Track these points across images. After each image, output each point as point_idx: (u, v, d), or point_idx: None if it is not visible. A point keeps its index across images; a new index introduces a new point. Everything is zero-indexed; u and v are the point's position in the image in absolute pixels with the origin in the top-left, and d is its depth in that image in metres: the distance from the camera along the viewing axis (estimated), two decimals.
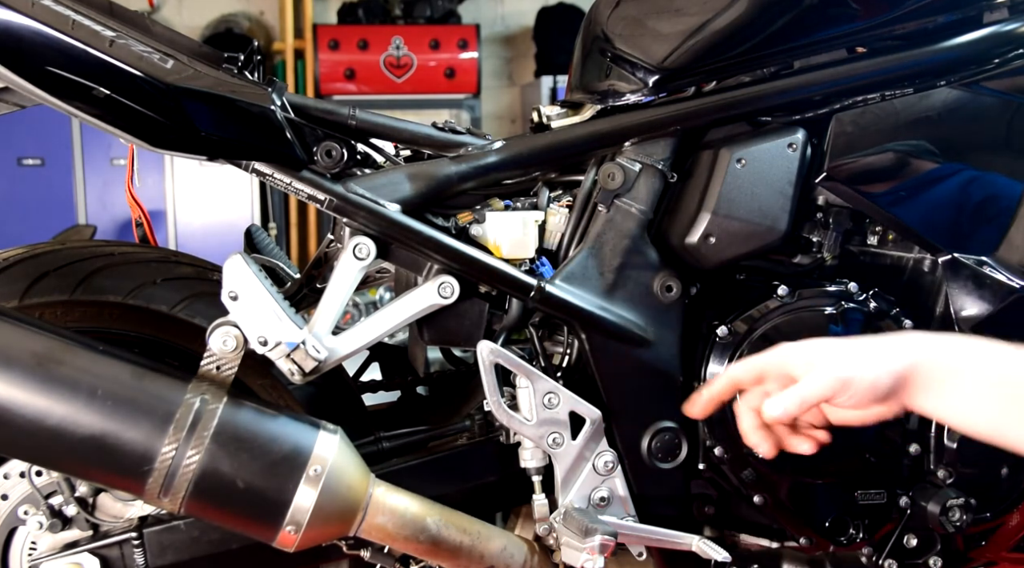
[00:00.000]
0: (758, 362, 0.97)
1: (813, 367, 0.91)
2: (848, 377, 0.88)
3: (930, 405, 0.89)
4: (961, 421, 0.88)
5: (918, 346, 0.89)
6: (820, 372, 0.90)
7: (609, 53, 1.23)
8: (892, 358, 0.89)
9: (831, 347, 0.92)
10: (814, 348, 0.93)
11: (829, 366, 0.90)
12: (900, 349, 0.89)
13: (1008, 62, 1.23)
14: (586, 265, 1.18)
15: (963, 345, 0.88)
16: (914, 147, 1.23)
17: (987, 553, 1.34)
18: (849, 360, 0.90)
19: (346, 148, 1.12)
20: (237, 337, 1.06)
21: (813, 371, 0.91)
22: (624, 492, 1.19)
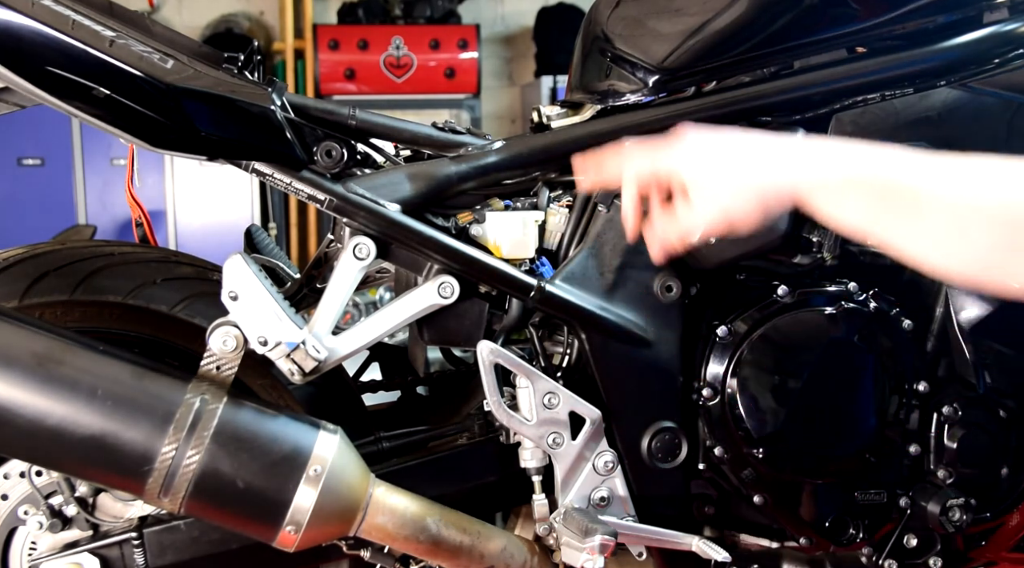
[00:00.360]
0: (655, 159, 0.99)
1: (702, 195, 0.95)
2: (732, 218, 0.94)
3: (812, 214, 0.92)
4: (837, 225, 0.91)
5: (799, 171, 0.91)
6: (704, 201, 0.95)
7: (609, 53, 1.23)
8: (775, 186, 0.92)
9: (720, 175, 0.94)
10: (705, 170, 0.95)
11: (716, 203, 0.94)
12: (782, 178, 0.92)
13: (1008, 62, 1.23)
14: (586, 265, 1.18)
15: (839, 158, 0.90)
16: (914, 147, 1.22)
17: (987, 553, 1.34)
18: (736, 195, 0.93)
19: (346, 148, 1.12)
20: (237, 337, 1.06)
21: (700, 202, 0.95)
22: (624, 492, 1.19)
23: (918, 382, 1.25)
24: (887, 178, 0.87)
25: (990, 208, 0.81)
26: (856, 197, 0.88)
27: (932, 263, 0.86)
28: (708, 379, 1.21)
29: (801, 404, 1.20)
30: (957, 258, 0.84)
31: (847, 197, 0.89)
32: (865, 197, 0.88)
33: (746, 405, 1.19)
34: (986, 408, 1.28)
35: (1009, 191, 0.81)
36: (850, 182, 0.89)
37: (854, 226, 0.90)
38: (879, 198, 0.87)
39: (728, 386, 1.20)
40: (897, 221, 0.86)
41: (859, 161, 0.89)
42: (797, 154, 0.93)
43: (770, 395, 1.20)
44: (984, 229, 0.81)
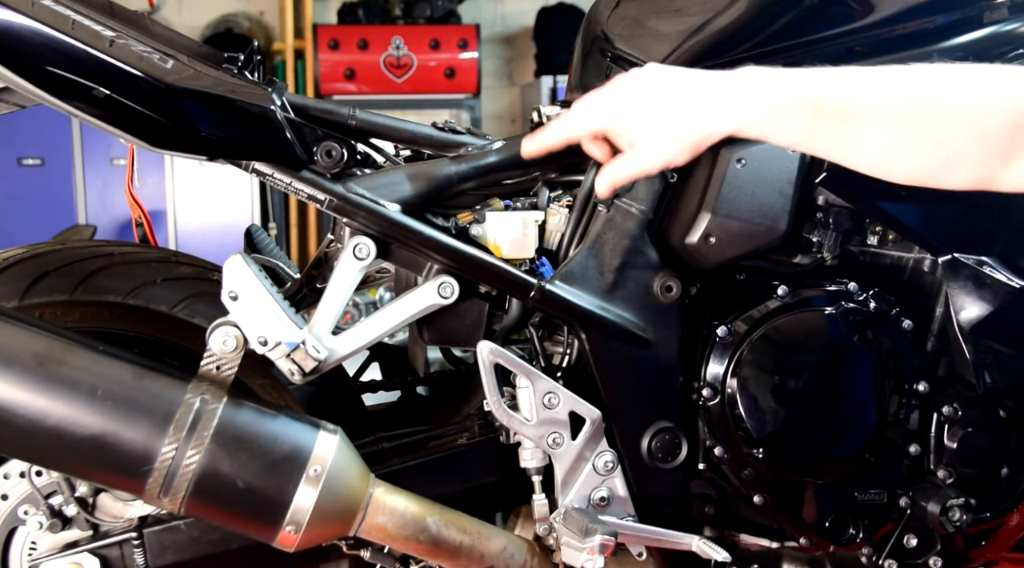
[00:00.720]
0: (593, 118, 1.03)
1: (642, 143, 1.00)
2: (671, 154, 0.99)
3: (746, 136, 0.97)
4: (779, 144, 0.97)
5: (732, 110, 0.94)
6: (648, 147, 0.99)
7: (609, 53, 1.23)
8: (714, 126, 0.96)
9: (658, 123, 0.98)
10: (641, 122, 0.99)
11: (656, 142, 0.99)
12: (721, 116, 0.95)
13: (1008, 62, 1.23)
14: (586, 265, 1.18)
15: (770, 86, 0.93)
16: None
17: (987, 553, 1.34)
18: (675, 141, 0.98)
19: (346, 148, 1.12)
20: (237, 337, 1.06)
21: (641, 148, 1.00)
22: (624, 492, 1.19)
23: (918, 382, 1.25)
24: (817, 98, 0.90)
25: (919, 127, 0.86)
26: (787, 121, 0.92)
27: (877, 171, 0.91)
28: (708, 379, 1.21)
29: (801, 404, 1.20)
30: (894, 169, 0.89)
31: (778, 123, 0.92)
32: (797, 119, 0.91)
33: (746, 405, 1.19)
34: (986, 408, 1.28)
35: (936, 110, 0.85)
36: (780, 108, 0.92)
37: (795, 146, 0.95)
38: (811, 119, 0.90)
39: (728, 386, 1.20)
40: (834, 137, 0.90)
41: (787, 87, 0.92)
42: (724, 91, 0.95)
43: (770, 395, 1.20)
44: (914, 146, 0.86)
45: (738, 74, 0.96)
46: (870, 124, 0.88)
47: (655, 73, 1.00)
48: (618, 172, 1.03)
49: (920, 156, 0.87)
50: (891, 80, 0.89)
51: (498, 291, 1.18)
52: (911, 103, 0.87)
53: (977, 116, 0.84)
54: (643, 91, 1.00)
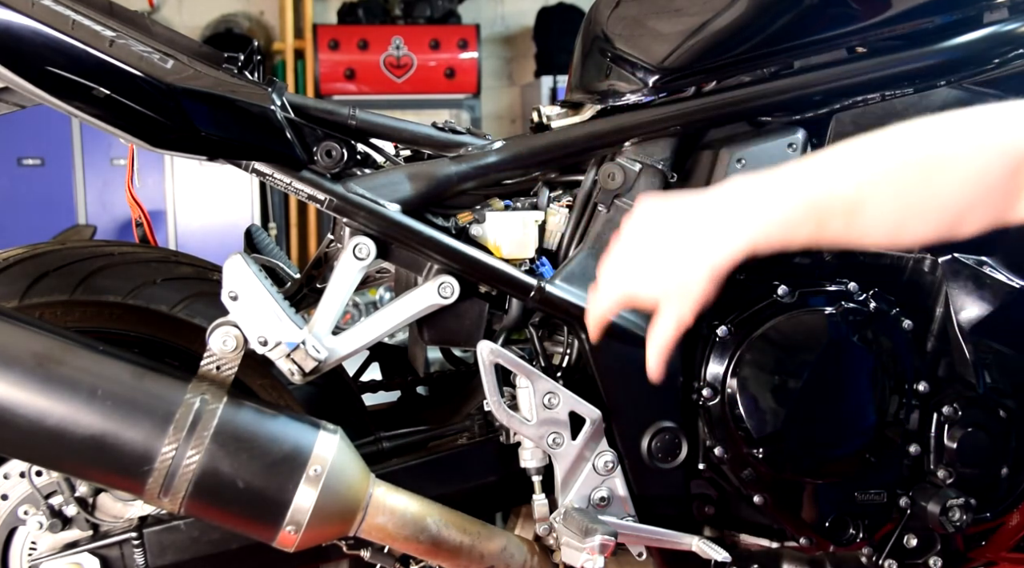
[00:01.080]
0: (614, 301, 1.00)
1: (664, 302, 0.96)
2: (698, 302, 0.94)
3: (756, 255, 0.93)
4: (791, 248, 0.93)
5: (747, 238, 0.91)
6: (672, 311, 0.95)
7: (609, 53, 1.23)
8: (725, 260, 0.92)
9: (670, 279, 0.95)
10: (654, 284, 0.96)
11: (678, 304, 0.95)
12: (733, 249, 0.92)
13: (1008, 62, 1.23)
14: (586, 265, 1.18)
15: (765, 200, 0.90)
16: None
17: (987, 553, 1.34)
18: (693, 291, 0.94)
19: (346, 148, 1.12)
20: (237, 337, 1.06)
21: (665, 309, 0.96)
22: (624, 492, 1.19)
23: (918, 382, 1.25)
24: (818, 198, 0.88)
25: (922, 200, 0.85)
26: (799, 228, 0.89)
27: (893, 244, 0.91)
28: (708, 379, 1.21)
29: (801, 404, 1.20)
30: (912, 232, 0.87)
31: (791, 232, 0.90)
32: (807, 224, 0.89)
33: (746, 405, 1.19)
34: (986, 408, 1.28)
35: (934, 175, 0.84)
36: (787, 220, 0.89)
37: (809, 245, 0.92)
38: (820, 219, 0.88)
39: (728, 386, 1.19)
40: (845, 228, 0.88)
41: (787, 195, 0.90)
42: (728, 218, 0.92)
43: (770, 395, 1.20)
44: (920, 217, 0.85)
45: (732, 193, 0.93)
46: (875, 206, 0.86)
47: (651, 217, 0.97)
48: (659, 341, 0.98)
49: (930, 220, 0.86)
50: (883, 153, 0.87)
51: (498, 291, 1.18)
52: (909, 173, 0.85)
53: (975, 169, 0.83)
54: (646, 245, 0.97)
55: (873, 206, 0.86)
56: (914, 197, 0.85)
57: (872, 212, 0.87)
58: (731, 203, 0.92)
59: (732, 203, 0.92)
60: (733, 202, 0.92)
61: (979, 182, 0.83)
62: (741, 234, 0.91)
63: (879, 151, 0.88)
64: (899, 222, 0.87)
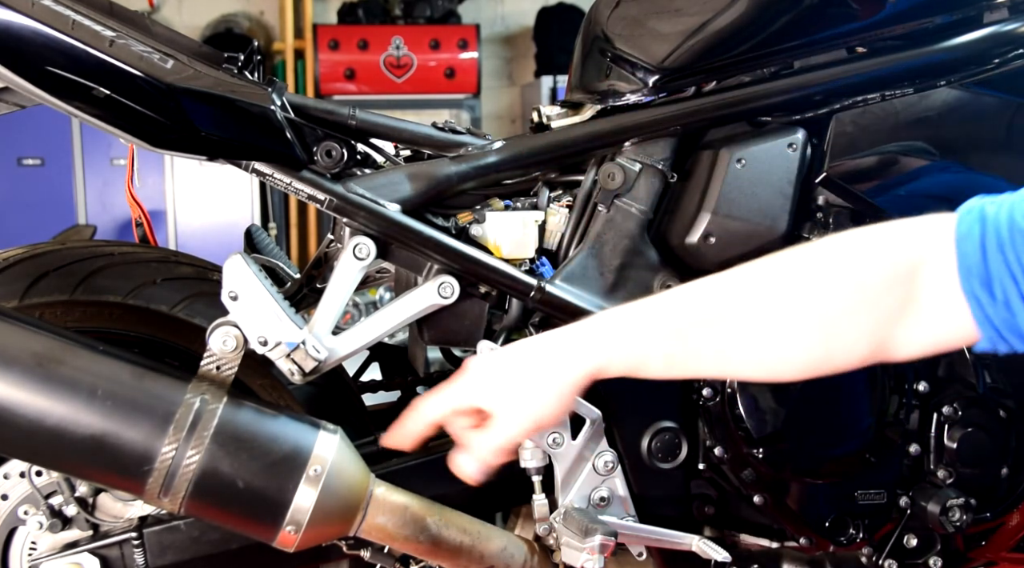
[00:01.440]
0: (448, 401, 0.97)
1: (506, 415, 0.94)
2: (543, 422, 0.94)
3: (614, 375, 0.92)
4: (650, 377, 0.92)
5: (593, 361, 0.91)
6: (514, 424, 0.94)
7: (609, 53, 1.23)
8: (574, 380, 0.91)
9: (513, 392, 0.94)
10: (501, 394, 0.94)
11: (523, 417, 0.93)
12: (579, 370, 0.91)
13: (1008, 62, 1.23)
14: (586, 265, 1.18)
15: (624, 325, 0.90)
16: (914, 147, 1.23)
17: (987, 553, 1.34)
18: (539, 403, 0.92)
19: (346, 148, 1.12)
20: (237, 337, 1.06)
21: (506, 421, 0.94)
22: (624, 492, 1.19)
23: (918, 382, 1.25)
24: (677, 321, 0.88)
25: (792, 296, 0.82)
26: (654, 349, 0.88)
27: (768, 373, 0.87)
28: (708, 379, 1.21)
29: (801, 404, 1.20)
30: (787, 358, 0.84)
31: (646, 353, 0.89)
32: (662, 350, 0.88)
33: (746, 405, 1.19)
34: (986, 408, 1.28)
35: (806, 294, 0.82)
36: (641, 343, 0.89)
37: (665, 376, 0.90)
38: (677, 345, 0.87)
39: (728, 386, 1.19)
40: (704, 358, 0.87)
41: (643, 320, 0.90)
42: (582, 336, 0.92)
43: (770, 395, 1.20)
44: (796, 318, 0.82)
45: (588, 320, 0.94)
46: (738, 325, 0.84)
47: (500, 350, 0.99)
48: (481, 453, 0.97)
49: (806, 342, 0.82)
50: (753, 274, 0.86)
51: (498, 291, 1.18)
52: (778, 290, 0.83)
53: (849, 280, 0.81)
54: (492, 361, 0.97)
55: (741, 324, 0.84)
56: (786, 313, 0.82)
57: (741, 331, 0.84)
58: (585, 327, 0.93)
59: (586, 326, 0.93)
60: (588, 325, 0.93)
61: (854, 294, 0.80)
62: (593, 350, 0.91)
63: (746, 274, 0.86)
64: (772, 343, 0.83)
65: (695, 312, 0.87)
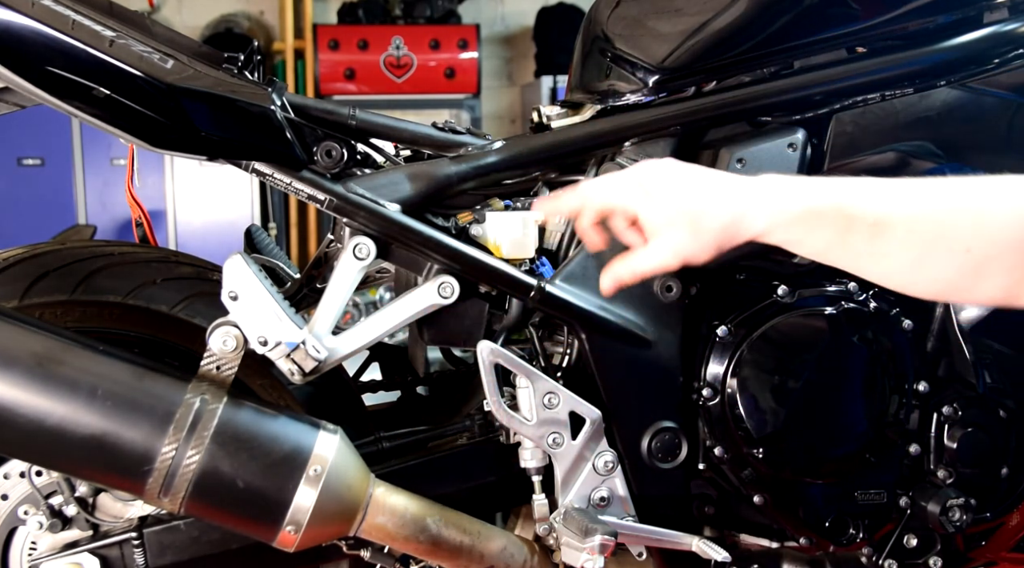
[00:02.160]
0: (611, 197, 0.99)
1: (658, 236, 0.95)
2: (687, 255, 0.94)
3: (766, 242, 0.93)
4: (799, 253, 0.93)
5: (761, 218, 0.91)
6: (663, 244, 0.95)
7: (609, 53, 1.23)
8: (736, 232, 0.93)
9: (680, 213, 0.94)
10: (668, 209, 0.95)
11: (672, 239, 0.94)
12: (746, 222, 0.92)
13: (1008, 62, 1.23)
14: (586, 265, 1.18)
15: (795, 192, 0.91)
16: (914, 147, 1.23)
17: (987, 553, 1.34)
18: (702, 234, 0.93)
19: (346, 148, 1.12)
20: (237, 337, 1.06)
21: (656, 243, 0.95)
22: (624, 492, 1.19)
23: (918, 382, 1.25)
24: (845, 206, 0.88)
25: (950, 235, 0.83)
26: (814, 229, 0.89)
27: (896, 285, 0.89)
28: (708, 379, 1.21)
29: (801, 404, 1.20)
30: (920, 281, 0.86)
31: (805, 230, 0.90)
32: (824, 228, 0.89)
33: (746, 405, 1.19)
34: (986, 408, 1.28)
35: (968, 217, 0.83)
36: (807, 214, 0.89)
37: (815, 255, 0.92)
38: (838, 228, 0.88)
39: (728, 386, 1.20)
40: (858, 249, 0.88)
41: (814, 193, 0.90)
42: (751, 193, 0.93)
43: (770, 395, 1.20)
44: (944, 255, 0.84)
45: (764, 179, 0.94)
46: (900, 232, 0.85)
47: (680, 166, 0.98)
48: (635, 266, 0.98)
49: (949, 265, 0.84)
50: (920, 189, 0.87)
51: (498, 291, 1.18)
52: (941, 209, 0.85)
53: (1008, 222, 0.82)
54: (670, 179, 0.96)
55: (899, 232, 0.85)
56: (941, 233, 0.83)
57: (896, 238, 0.85)
58: (761, 184, 0.93)
59: (762, 184, 0.93)
60: (763, 184, 0.93)
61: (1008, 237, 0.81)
62: (765, 209, 0.91)
63: (918, 187, 0.87)
64: (920, 257, 0.85)
65: (869, 212, 0.87)
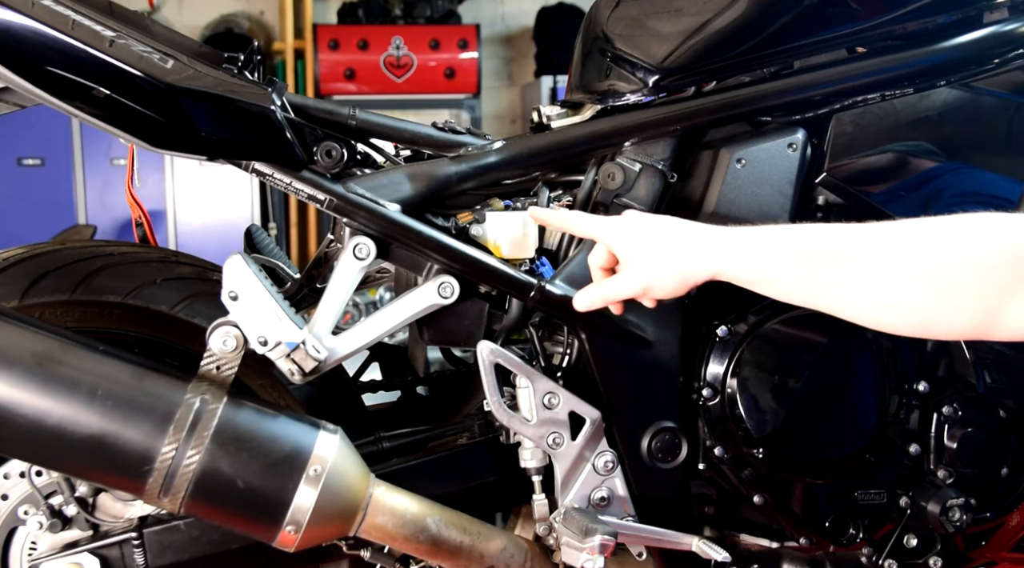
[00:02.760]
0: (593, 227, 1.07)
1: (627, 264, 1.02)
2: (651, 285, 1.01)
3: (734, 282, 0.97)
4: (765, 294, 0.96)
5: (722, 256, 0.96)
6: (630, 274, 1.02)
7: (609, 53, 1.23)
8: (698, 267, 0.98)
9: (648, 248, 1.00)
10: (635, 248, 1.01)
11: (639, 270, 1.01)
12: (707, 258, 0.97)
13: (1008, 62, 1.23)
14: (586, 265, 1.18)
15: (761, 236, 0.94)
16: (914, 147, 1.23)
17: (987, 553, 1.34)
18: (659, 268, 1.00)
19: (346, 148, 1.12)
20: (237, 337, 1.06)
21: (626, 269, 1.03)
22: (624, 492, 1.19)
23: (918, 382, 1.25)
24: (804, 241, 0.91)
25: (912, 258, 0.85)
26: (776, 265, 0.92)
27: (871, 319, 0.89)
28: (708, 379, 1.21)
29: (801, 404, 1.20)
30: (893, 312, 0.87)
31: (767, 267, 0.93)
32: (785, 263, 0.91)
33: (746, 405, 1.19)
34: (986, 408, 1.28)
35: (930, 251, 0.85)
36: (766, 251, 0.93)
37: (784, 295, 0.94)
38: (800, 262, 0.90)
39: (728, 386, 1.20)
40: (823, 281, 0.89)
41: (773, 233, 0.94)
42: (721, 235, 0.97)
43: (770, 395, 1.20)
44: (910, 282, 0.85)
45: (726, 228, 0.98)
46: (861, 259, 0.87)
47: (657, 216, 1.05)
48: (599, 293, 1.05)
49: (917, 292, 0.84)
50: (880, 225, 0.89)
51: (498, 291, 1.18)
52: (901, 235, 0.87)
53: (973, 249, 0.83)
54: (645, 223, 1.03)
55: (863, 265, 0.87)
56: (906, 263, 0.85)
57: (859, 266, 0.87)
58: (730, 230, 0.98)
59: (731, 231, 0.97)
60: (732, 230, 0.97)
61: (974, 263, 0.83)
62: (725, 249, 0.96)
63: (882, 226, 0.89)
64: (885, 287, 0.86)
65: (829, 245, 0.90)
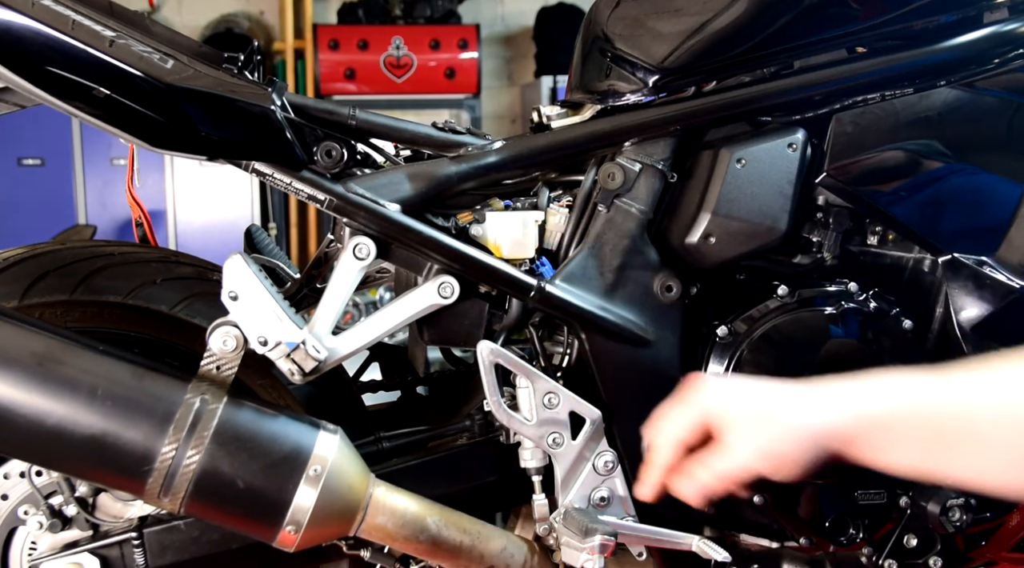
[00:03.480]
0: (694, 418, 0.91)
1: (738, 436, 0.87)
2: (771, 461, 0.85)
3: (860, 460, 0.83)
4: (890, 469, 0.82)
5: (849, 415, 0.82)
6: (743, 449, 0.86)
7: (609, 53, 1.23)
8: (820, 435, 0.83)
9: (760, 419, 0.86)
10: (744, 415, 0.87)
11: (753, 444, 0.86)
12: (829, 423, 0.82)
13: (1008, 62, 1.23)
14: (586, 265, 1.18)
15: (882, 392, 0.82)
16: (914, 147, 1.23)
17: (987, 553, 1.34)
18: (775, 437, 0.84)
19: (346, 148, 1.12)
20: (237, 337, 1.06)
21: (736, 444, 0.87)
22: (624, 492, 1.19)
23: None
24: (939, 407, 0.77)
25: None
26: (908, 435, 0.78)
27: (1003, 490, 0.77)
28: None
29: None
30: None
31: (898, 436, 0.79)
32: (918, 433, 0.78)
33: None
34: None
35: None
36: (899, 417, 0.78)
37: (910, 467, 0.80)
38: (934, 432, 0.77)
39: None
40: (959, 454, 0.77)
41: (903, 393, 0.80)
42: (833, 394, 0.83)
43: None
44: None
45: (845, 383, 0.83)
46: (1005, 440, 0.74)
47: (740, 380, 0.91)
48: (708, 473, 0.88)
49: None
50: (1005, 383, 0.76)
51: (498, 291, 1.18)
52: None
53: None
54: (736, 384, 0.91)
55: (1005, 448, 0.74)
56: None
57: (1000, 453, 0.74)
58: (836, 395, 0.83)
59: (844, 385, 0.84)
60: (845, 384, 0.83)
61: None
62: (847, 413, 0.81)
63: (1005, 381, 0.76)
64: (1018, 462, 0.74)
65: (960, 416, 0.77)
